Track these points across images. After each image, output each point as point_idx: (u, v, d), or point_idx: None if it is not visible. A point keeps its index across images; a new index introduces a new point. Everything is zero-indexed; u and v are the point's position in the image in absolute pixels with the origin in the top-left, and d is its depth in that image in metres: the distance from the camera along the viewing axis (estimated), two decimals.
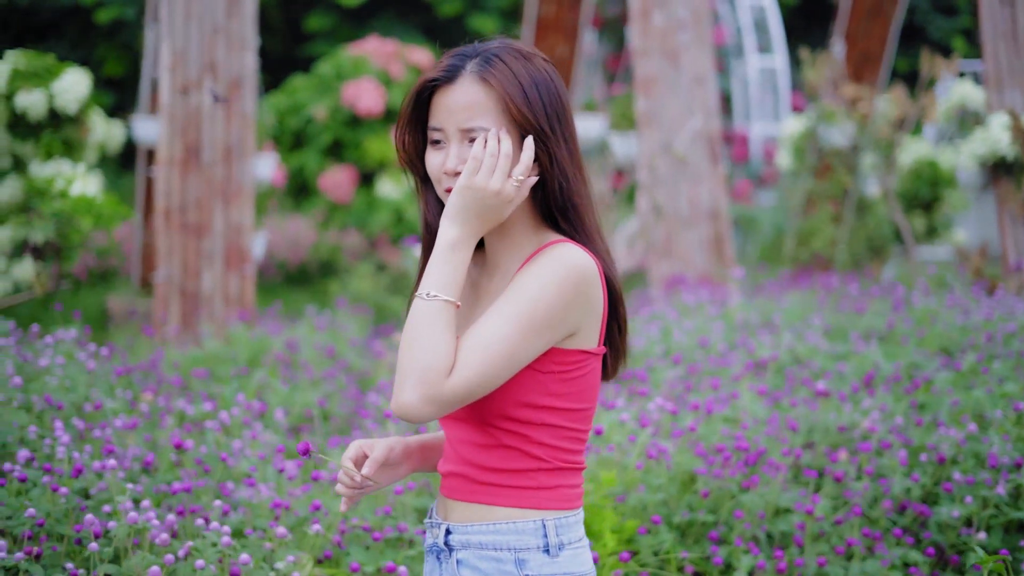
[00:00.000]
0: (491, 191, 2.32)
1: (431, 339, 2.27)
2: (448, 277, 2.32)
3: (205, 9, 8.28)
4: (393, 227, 10.71)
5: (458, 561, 2.42)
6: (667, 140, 8.60)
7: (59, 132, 10.52)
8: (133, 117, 11.75)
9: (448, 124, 2.38)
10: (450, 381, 2.26)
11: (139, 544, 3.58)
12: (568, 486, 2.43)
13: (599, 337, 2.41)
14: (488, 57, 2.38)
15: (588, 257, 2.36)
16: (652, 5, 8.82)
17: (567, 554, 2.41)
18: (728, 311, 6.35)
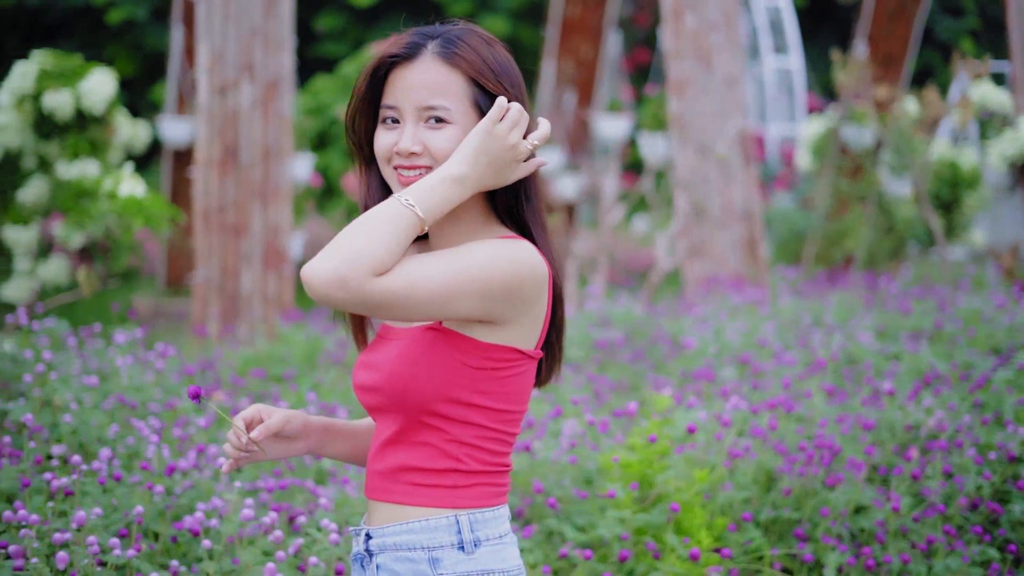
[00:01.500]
0: (509, 143, 2.25)
1: (381, 235, 2.15)
2: (433, 201, 2.21)
3: (242, 10, 8.31)
4: None
5: (377, 566, 2.36)
6: (700, 141, 8.65)
7: (85, 132, 10.56)
8: (159, 117, 11.80)
9: (405, 102, 2.31)
10: (374, 280, 2.12)
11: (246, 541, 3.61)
12: (488, 484, 2.36)
13: (537, 341, 2.34)
14: (451, 38, 2.34)
15: (541, 259, 2.30)
16: (684, 7, 8.87)
17: (485, 551, 2.33)
18: (779, 311, 6.40)
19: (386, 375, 2.32)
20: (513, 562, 2.37)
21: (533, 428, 4.46)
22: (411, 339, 2.32)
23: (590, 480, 4.26)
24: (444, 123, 2.29)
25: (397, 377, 2.30)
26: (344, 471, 4.31)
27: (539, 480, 4.18)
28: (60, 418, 4.58)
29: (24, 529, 3.55)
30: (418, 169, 2.30)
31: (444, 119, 2.29)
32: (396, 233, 2.15)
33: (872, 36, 11.03)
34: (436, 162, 2.29)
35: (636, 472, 3.97)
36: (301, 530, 3.71)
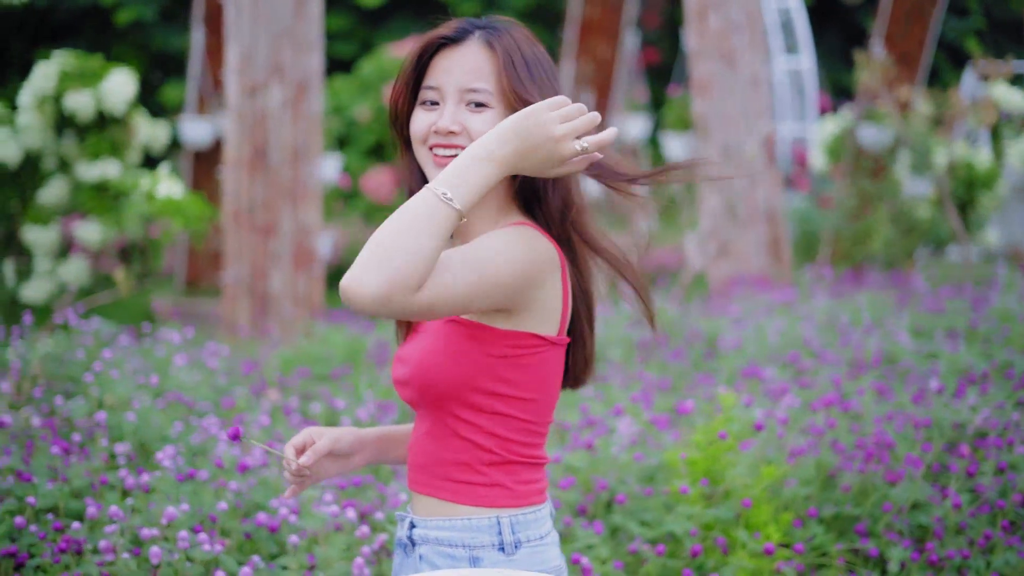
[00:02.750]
0: (551, 133, 2.20)
1: (422, 244, 2.13)
2: (467, 186, 2.18)
3: (272, 12, 8.35)
4: None
5: (420, 556, 2.42)
6: (725, 142, 8.71)
7: (105, 133, 10.60)
8: (180, 118, 11.83)
9: (447, 83, 2.37)
10: (415, 295, 2.13)
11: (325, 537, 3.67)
12: (526, 481, 2.41)
13: (559, 327, 2.39)
14: (497, 28, 2.40)
15: (549, 244, 2.36)
16: (708, 7, 8.93)
17: (524, 552, 2.38)
18: (816, 310, 6.47)
19: (414, 368, 2.39)
20: (553, 563, 2.42)
21: (593, 426, 4.52)
22: (435, 332, 2.39)
23: (652, 477, 4.32)
24: (484, 107, 2.36)
25: (424, 370, 2.37)
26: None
27: (601, 477, 4.24)
28: (123, 416, 4.62)
29: (111, 525, 3.60)
30: (455, 148, 2.36)
31: (484, 103, 2.36)
32: (436, 236, 2.14)
33: (888, 36, 11.10)
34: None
35: (702, 469, 4.03)
36: (377, 526, 3.76)
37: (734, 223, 8.51)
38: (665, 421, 4.57)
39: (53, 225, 10.64)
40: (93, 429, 4.61)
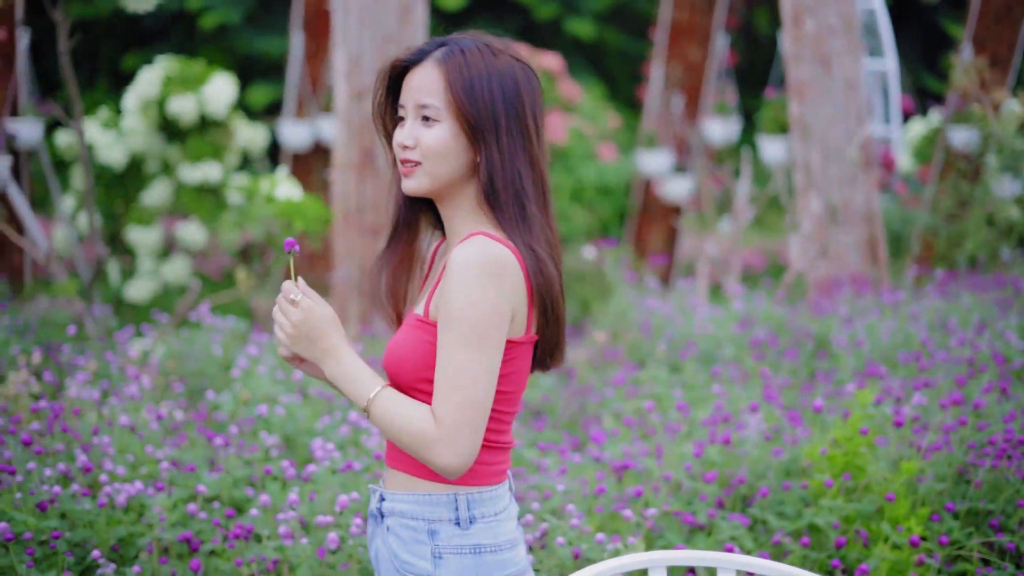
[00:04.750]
0: (288, 353, 2.56)
1: (404, 428, 2.45)
2: (356, 384, 2.50)
3: (378, 17, 8.54)
4: None
5: (387, 528, 2.62)
6: (824, 144, 8.80)
7: (206, 136, 10.84)
8: (278, 121, 12.06)
9: (408, 101, 2.57)
10: (451, 449, 2.43)
11: None
12: (487, 463, 2.58)
13: (526, 327, 2.54)
14: (453, 48, 2.56)
15: (499, 247, 2.48)
16: (804, 11, 9.02)
17: (479, 527, 2.56)
18: (924, 310, 6.57)
19: (385, 356, 2.59)
20: (506, 537, 2.60)
21: (729, 422, 4.65)
22: (407, 328, 2.59)
23: (788, 471, 4.45)
24: (433, 121, 2.54)
25: (393, 360, 2.56)
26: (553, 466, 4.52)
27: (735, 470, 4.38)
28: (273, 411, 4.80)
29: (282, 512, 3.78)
30: (410, 162, 2.56)
31: (432, 117, 2.54)
32: (401, 415, 2.46)
33: (977, 38, 11.13)
34: (424, 157, 2.54)
35: (840, 464, 4.17)
36: (539, 515, 3.92)
37: (834, 225, 8.61)
38: (797, 417, 4.70)
39: (156, 226, 10.91)
40: (246, 423, 4.81)
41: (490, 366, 2.45)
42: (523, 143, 2.56)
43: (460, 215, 2.60)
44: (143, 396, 5.30)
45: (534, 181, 2.57)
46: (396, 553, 2.58)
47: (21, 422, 4.94)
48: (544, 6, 18.16)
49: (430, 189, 2.57)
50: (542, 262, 2.52)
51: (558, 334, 2.62)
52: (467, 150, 2.56)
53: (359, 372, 2.50)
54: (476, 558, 2.54)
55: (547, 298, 2.54)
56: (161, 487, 4.06)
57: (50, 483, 4.14)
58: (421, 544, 2.55)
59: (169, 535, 3.92)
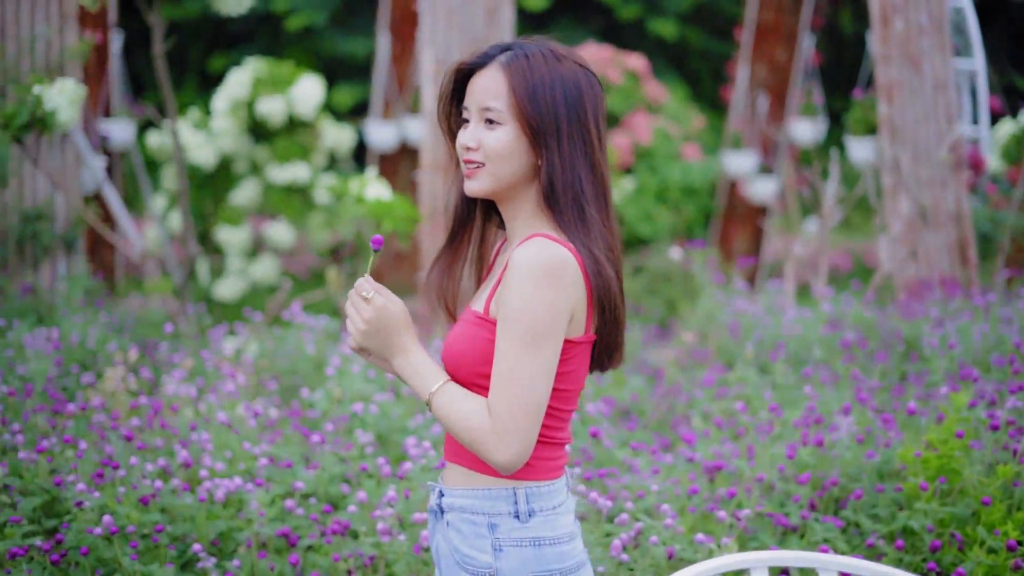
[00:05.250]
0: (357, 346, 2.61)
1: (462, 423, 2.52)
2: (420, 378, 2.58)
3: (465, 19, 8.59)
4: None
5: (447, 523, 2.67)
6: (914, 146, 8.73)
7: (294, 137, 10.97)
8: (364, 122, 12.17)
9: (472, 103, 2.62)
10: (505, 445, 2.49)
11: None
12: (547, 458, 2.63)
13: (585, 327, 2.59)
14: (516, 52, 2.62)
15: (559, 248, 2.52)
16: (892, 11, 8.96)
17: (538, 520, 2.60)
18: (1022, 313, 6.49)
19: (444, 351, 2.65)
20: (564, 530, 2.64)
21: (821, 424, 4.65)
22: (464, 322, 2.64)
23: (881, 474, 4.43)
24: (495, 124, 2.60)
25: (452, 355, 2.62)
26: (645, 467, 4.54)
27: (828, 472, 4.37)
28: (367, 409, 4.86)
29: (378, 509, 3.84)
30: (473, 163, 2.62)
31: (495, 120, 2.60)
32: (459, 410, 2.54)
33: None
34: (487, 158, 2.60)
35: (935, 467, 4.15)
36: (633, 514, 3.95)
37: (923, 226, 8.54)
38: (890, 420, 4.69)
39: (244, 225, 11.05)
40: (340, 420, 4.87)
41: (546, 366, 2.50)
42: (584, 148, 2.59)
43: (521, 217, 2.66)
44: (239, 393, 5.40)
45: (594, 185, 2.61)
46: (457, 547, 2.63)
47: (120, 418, 5.05)
48: (627, 6, 18.14)
49: (492, 190, 2.62)
50: (600, 264, 2.56)
51: (616, 335, 2.66)
52: (529, 153, 2.61)
53: (424, 366, 2.58)
54: (536, 551, 2.59)
55: (605, 300, 2.58)
56: (260, 483, 4.14)
57: (151, 478, 4.23)
58: (482, 538, 2.60)
59: (267, 530, 3.99)
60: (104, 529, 3.78)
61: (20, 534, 3.92)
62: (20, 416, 5.17)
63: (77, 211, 8.39)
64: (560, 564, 2.61)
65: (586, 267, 2.54)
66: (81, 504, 3.93)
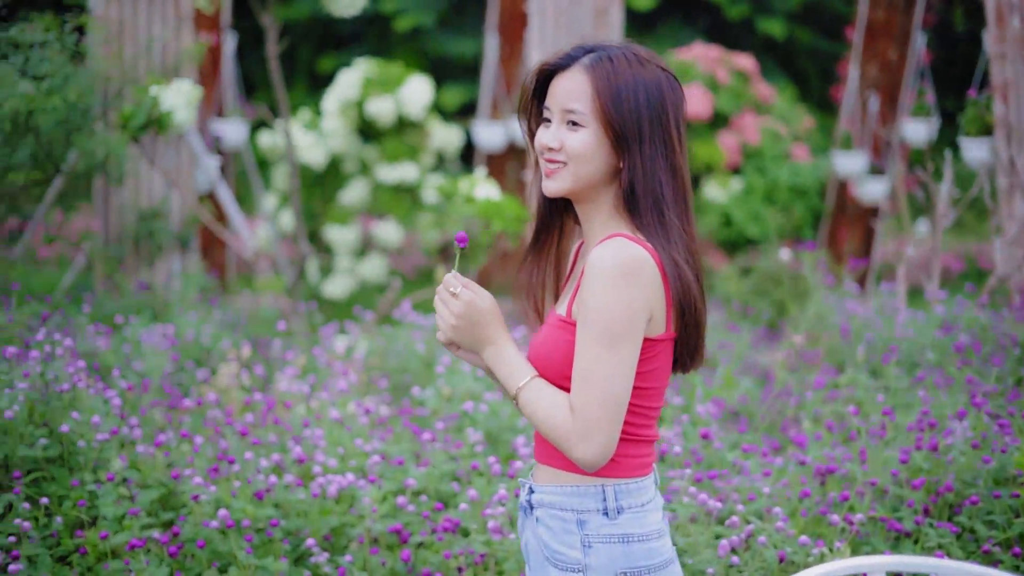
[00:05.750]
0: (447, 339, 2.66)
1: (548, 420, 2.55)
2: (509, 372, 2.62)
3: (574, 20, 8.61)
4: (720, 230, 10.91)
5: (537, 519, 2.69)
6: None
7: (403, 137, 11.06)
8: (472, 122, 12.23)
9: (554, 104, 2.64)
10: (586, 443, 2.50)
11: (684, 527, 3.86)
12: (633, 456, 2.64)
13: (665, 325, 2.59)
14: (601, 55, 2.63)
15: (636, 248, 2.53)
16: (1009, 10, 8.79)
17: (627, 517, 2.62)
18: None
19: (529, 353, 2.69)
20: (653, 527, 2.66)
21: (936, 428, 4.58)
22: (549, 326, 2.68)
23: (998, 480, 4.36)
24: (578, 126, 2.62)
25: (534, 355, 2.66)
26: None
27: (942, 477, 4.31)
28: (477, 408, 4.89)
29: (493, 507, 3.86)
30: (555, 163, 2.64)
31: (578, 122, 2.62)
32: (546, 407, 2.56)
33: None
34: (570, 159, 2.62)
35: None
36: (743, 516, 3.93)
37: None
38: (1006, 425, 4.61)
39: (353, 224, 11.17)
40: (451, 419, 4.91)
41: (625, 364, 2.52)
42: (665, 151, 2.61)
43: (599, 218, 2.68)
44: (350, 391, 5.46)
45: (674, 189, 2.62)
46: (546, 543, 2.66)
47: (234, 414, 5.14)
48: (735, 6, 18.03)
49: (571, 190, 2.65)
50: (680, 268, 2.58)
51: (697, 337, 2.67)
52: (610, 155, 2.62)
53: (514, 359, 2.62)
54: (625, 547, 2.61)
55: (685, 303, 2.60)
56: (372, 479, 4.18)
57: (265, 473, 4.30)
58: (571, 534, 2.62)
59: (379, 526, 4.03)
60: (220, 523, 3.85)
61: (138, 526, 4.01)
62: (138, 411, 5.28)
63: (191, 210, 8.55)
64: (648, 560, 2.63)
65: (665, 268, 2.56)
66: (197, 498, 4.01)
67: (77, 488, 4.25)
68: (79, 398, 4.51)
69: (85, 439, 4.36)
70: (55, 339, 4.96)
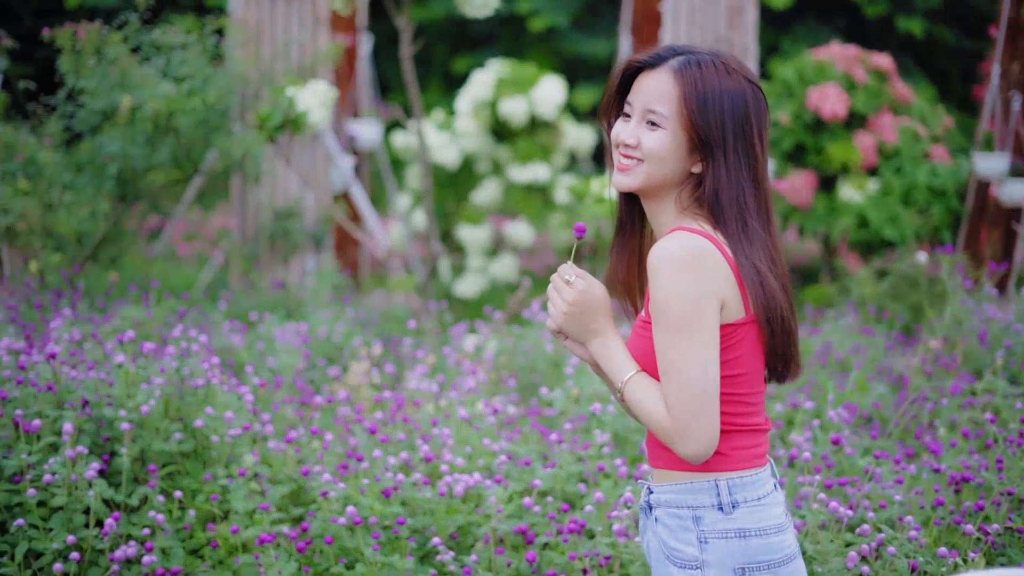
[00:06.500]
0: (557, 327, 2.68)
1: (652, 415, 2.56)
2: (615, 365, 2.63)
3: (708, 19, 8.55)
4: (855, 232, 10.72)
5: (656, 518, 2.70)
6: None
7: (535, 137, 11.09)
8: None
9: (637, 101, 2.65)
10: (685, 436, 2.52)
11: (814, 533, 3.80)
12: (742, 447, 2.64)
13: (742, 308, 2.58)
14: (690, 59, 2.64)
15: (695, 237, 2.55)
16: None
17: (742, 511, 2.61)
18: None
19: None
20: (771, 521, 2.64)
21: None
22: (634, 330, 2.70)
23: None
24: (657, 127, 2.63)
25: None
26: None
27: None
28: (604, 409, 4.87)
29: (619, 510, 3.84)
30: (631, 159, 2.66)
31: (657, 123, 2.63)
32: (648, 402, 2.57)
33: None
34: (646, 157, 2.64)
35: None
36: (874, 524, 3.86)
37: None
38: None
39: (485, 224, 11.22)
40: (578, 419, 4.90)
41: (702, 352, 2.52)
42: (748, 161, 2.62)
43: (666, 217, 2.69)
44: (479, 390, 5.48)
45: (757, 199, 2.64)
46: (665, 541, 2.66)
47: (364, 411, 5.19)
48: (873, 4, 17.73)
49: (641, 187, 2.67)
50: (763, 276, 2.59)
51: (788, 347, 2.67)
52: (684, 159, 2.64)
53: (619, 354, 2.64)
54: (742, 542, 2.60)
55: (770, 312, 2.60)
56: (498, 479, 4.19)
57: (393, 471, 4.33)
58: (687, 531, 2.63)
59: (505, 526, 4.04)
60: (348, 519, 3.89)
61: (268, 521, 4.07)
62: (270, 407, 5.37)
63: (326, 209, 8.66)
64: (768, 556, 2.61)
65: (743, 274, 2.56)
66: (326, 494, 4.05)
67: (210, 482, 4.33)
68: (213, 394, 4.60)
69: (218, 434, 4.44)
70: (191, 335, 5.07)
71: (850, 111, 11.11)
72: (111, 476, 4.39)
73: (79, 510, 4.06)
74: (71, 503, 4.05)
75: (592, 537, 4.07)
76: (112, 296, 7.40)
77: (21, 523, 3.91)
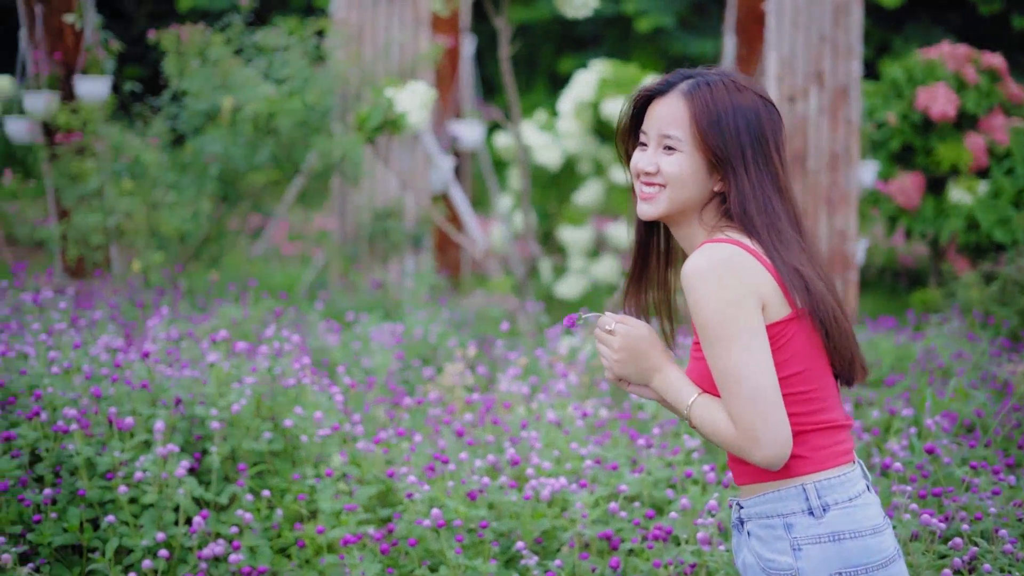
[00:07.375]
0: (615, 376, 2.69)
1: (720, 433, 2.55)
2: (678, 394, 2.63)
3: (812, 19, 8.43)
4: (964, 234, 10.51)
5: (748, 532, 2.67)
6: None
7: None
8: None
9: (651, 128, 2.67)
10: (755, 443, 2.50)
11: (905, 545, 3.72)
12: (821, 446, 2.60)
13: (786, 304, 2.55)
14: (699, 81, 2.65)
15: (719, 247, 2.54)
16: None
17: (834, 514, 2.57)
18: None
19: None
20: (867, 523, 2.58)
21: None
22: (690, 357, 2.70)
23: None
24: (674, 150, 2.65)
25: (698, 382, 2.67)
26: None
27: None
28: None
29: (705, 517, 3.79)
30: (653, 186, 2.67)
31: (674, 147, 2.64)
32: (713, 422, 2.57)
33: None
34: (667, 182, 2.65)
35: None
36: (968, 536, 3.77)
37: None
38: None
39: (587, 225, 11.19)
40: (668, 424, 4.86)
41: (755, 356, 2.51)
42: (770, 172, 2.64)
43: (696, 240, 2.69)
44: (569, 393, 5.45)
45: (785, 207, 2.64)
46: (759, 554, 2.63)
47: (455, 412, 5.19)
48: (988, 2, 17.38)
49: (666, 213, 2.67)
50: (807, 279, 2.58)
51: (848, 348, 2.65)
52: (705, 179, 2.65)
53: (680, 383, 2.64)
54: (837, 546, 2.55)
55: (823, 314, 2.59)
56: (584, 484, 4.16)
57: (480, 474, 4.32)
58: (780, 540, 2.59)
59: (590, 531, 4.01)
60: (432, 522, 3.88)
61: (355, 522, 4.08)
62: (361, 407, 5.39)
63: (425, 210, 8.69)
64: (866, 559, 2.56)
65: (783, 276, 2.55)
66: (412, 496, 4.05)
67: (298, 482, 4.36)
68: (304, 393, 4.62)
69: (308, 434, 4.46)
70: (283, 335, 5.10)
71: (960, 111, 10.89)
72: (201, 474, 4.44)
73: (169, 508, 4.10)
74: (161, 501, 4.10)
75: (678, 544, 4.02)
76: (212, 295, 7.49)
77: (112, 519, 3.97)
